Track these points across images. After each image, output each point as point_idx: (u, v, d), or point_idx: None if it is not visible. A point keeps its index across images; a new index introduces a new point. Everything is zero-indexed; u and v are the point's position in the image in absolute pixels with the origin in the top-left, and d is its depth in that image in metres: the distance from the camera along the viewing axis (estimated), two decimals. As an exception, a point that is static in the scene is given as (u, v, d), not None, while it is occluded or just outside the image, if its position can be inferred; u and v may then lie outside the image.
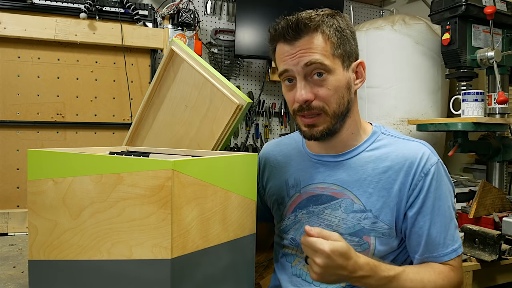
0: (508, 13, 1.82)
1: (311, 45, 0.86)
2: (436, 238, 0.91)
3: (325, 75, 0.87)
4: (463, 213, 1.66)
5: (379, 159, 0.94)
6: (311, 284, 0.95)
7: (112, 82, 2.13)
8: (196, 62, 1.02)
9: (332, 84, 0.88)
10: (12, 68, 1.96)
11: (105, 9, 2.10)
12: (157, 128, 1.13)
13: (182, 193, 0.69)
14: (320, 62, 0.86)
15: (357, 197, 0.92)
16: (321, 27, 0.87)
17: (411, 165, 0.91)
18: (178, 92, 1.07)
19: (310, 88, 0.88)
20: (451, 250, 0.92)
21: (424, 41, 2.07)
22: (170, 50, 1.05)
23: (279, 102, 2.64)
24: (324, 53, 0.86)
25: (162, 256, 0.68)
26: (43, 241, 0.86)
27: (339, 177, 0.95)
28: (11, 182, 1.95)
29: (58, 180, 0.83)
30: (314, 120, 0.90)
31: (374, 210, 0.91)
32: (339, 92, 0.89)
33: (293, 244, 1.00)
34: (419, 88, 2.08)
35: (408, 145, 0.94)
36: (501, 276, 1.48)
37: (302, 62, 0.87)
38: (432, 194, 0.91)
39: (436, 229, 0.91)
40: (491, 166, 1.94)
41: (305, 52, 0.86)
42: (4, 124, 1.94)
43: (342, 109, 0.90)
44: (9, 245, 1.43)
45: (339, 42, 0.88)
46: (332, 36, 0.88)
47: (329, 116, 0.89)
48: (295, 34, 0.87)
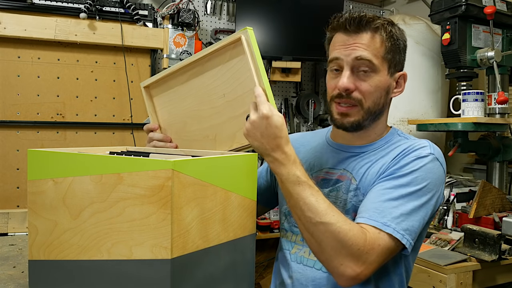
0: (508, 13, 1.82)
1: (367, 42, 0.93)
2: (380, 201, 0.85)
3: (370, 73, 0.93)
4: (463, 213, 1.66)
5: (382, 151, 0.99)
6: (312, 267, 0.97)
7: (112, 82, 2.13)
8: (255, 65, 0.92)
9: (375, 83, 0.94)
10: (12, 68, 1.96)
11: (105, 9, 2.10)
12: (186, 92, 1.07)
13: (182, 193, 0.69)
14: (369, 60, 0.92)
15: (354, 177, 0.97)
16: (380, 30, 0.94)
17: (404, 150, 0.94)
18: (224, 78, 0.99)
19: (354, 80, 0.94)
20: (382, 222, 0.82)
21: (424, 41, 2.07)
22: (238, 37, 0.94)
23: (279, 102, 2.64)
24: (376, 53, 0.93)
25: (162, 256, 0.67)
26: (43, 241, 0.86)
27: (347, 163, 1.00)
28: (11, 182, 1.95)
29: (58, 180, 0.83)
30: (348, 110, 0.95)
31: (362, 188, 0.95)
32: (378, 92, 0.95)
33: (296, 226, 0.99)
34: (419, 88, 2.08)
35: (413, 140, 0.99)
36: (501, 276, 1.48)
37: (354, 54, 0.92)
38: (404, 169, 0.89)
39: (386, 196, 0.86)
40: (491, 166, 1.94)
41: (359, 46, 0.93)
42: (4, 124, 1.94)
43: (376, 109, 0.96)
44: (9, 245, 1.43)
45: (391, 49, 0.95)
46: (387, 41, 0.94)
47: (363, 110, 0.95)
48: (356, 28, 0.93)
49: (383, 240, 0.82)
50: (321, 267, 0.96)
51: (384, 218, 0.83)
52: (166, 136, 1.12)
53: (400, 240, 0.82)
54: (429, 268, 1.40)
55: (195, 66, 1.05)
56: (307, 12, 2.36)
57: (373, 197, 0.87)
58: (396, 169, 0.90)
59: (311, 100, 2.62)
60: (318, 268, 0.96)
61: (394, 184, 0.88)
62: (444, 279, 1.34)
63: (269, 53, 2.38)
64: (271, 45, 2.37)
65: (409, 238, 0.84)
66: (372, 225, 0.82)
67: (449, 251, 1.47)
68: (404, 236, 0.83)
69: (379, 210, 0.84)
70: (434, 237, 1.58)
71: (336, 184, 0.99)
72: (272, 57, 2.39)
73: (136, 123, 2.14)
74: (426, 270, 1.41)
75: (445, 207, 1.76)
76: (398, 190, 0.87)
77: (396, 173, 0.90)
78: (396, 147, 0.97)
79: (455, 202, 1.76)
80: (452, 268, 1.35)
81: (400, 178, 0.88)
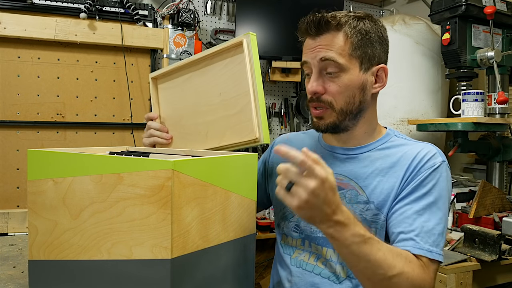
0: (508, 13, 1.82)
1: (329, 42, 0.91)
2: (418, 226, 0.86)
3: (338, 73, 0.91)
4: (463, 213, 1.66)
5: (388, 156, 0.97)
6: (311, 272, 0.97)
7: (112, 82, 2.13)
8: (252, 71, 0.96)
9: (343, 82, 0.91)
10: (12, 68, 1.95)
11: (105, 9, 2.10)
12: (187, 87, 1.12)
13: (182, 193, 0.69)
14: (333, 60, 0.90)
15: (362, 188, 0.95)
16: (343, 27, 0.91)
17: (414, 160, 0.93)
18: (222, 78, 1.04)
19: (322, 82, 0.93)
20: (427, 249, 0.85)
21: (424, 41, 2.07)
22: (240, 41, 0.98)
23: (279, 102, 2.64)
24: (340, 52, 0.90)
25: (162, 256, 0.67)
26: (43, 241, 0.86)
27: (347, 169, 0.98)
28: (11, 182, 1.95)
29: (58, 180, 0.83)
30: (321, 113, 0.94)
31: (376, 203, 0.93)
32: (350, 91, 0.92)
33: (297, 231, 1.01)
34: (419, 88, 2.08)
35: (416, 145, 0.97)
36: (501, 276, 1.48)
37: (318, 56, 0.91)
38: (427, 186, 0.90)
39: (421, 219, 0.87)
40: (491, 166, 1.94)
41: (322, 48, 0.91)
42: (4, 124, 1.94)
43: (351, 108, 0.93)
44: (9, 245, 1.43)
45: (360, 44, 0.91)
46: (353, 36, 0.91)
47: (335, 111, 0.93)
48: (317, 30, 0.92)
49: (433, 267, 0.86)
50: (320, 272, 0.96)
51: (426, 244, 0.85)
52: (163, 127, 1.16)
53: (440, 261, 0.87)
54: (429, 268, 1.39)
55: (199, 63, 1.09)
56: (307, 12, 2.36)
57: (407, 224, 0.88)
58: (417, 186, 0.90)
59: (311, 100, 2.61)
60: (317, 273, 0.96)
61: (423, 204, 0.89)
62: (444, 279, 1.34)
63: (269, 53, 2.38)
64: (271, 45, 2.37)
65: (442, 253, 0.88)
66: (419, 254, 0.85)
67: (449, 251, 1.47)
68: (440, 255, 0.87)
69: (420, 237, 0.86)
70: (434, 237, 1.58)
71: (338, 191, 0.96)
72: (272, 57, 2.39)
73: (136, 123, 2.14)
74: (426, 270, 1.40)
75: (445, 207, 1.76)
76: (428, 210, 0.88)
77: (419, 190, 0.90)
78: (401, 155, 0.94)
79: (455, 202, 1.76)
80: (452, 268, 1.35)
81: (425, 196, 0.89)
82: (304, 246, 1.00)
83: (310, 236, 0.98)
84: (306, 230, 0.99)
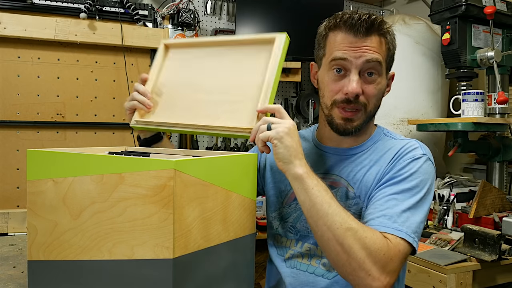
0: (508, 13, 1.82)
1: (378, 45, 0.92)
2: (388, 206, 0.86)
3: (375, 76, 0.93)
4: (463, 213, 1.67)
5: (374, 153, 0.98)
6: (305, 271, 0.97)
7: (112, 82, 2.13)
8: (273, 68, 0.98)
9: (378, 86, 0.94)
10: (12, 68, 1.95)
11: (105, 9, 2.10)
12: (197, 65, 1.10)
13: (184, 192, 0.69)
14: (380, 63, 0.92)
15: (351, 185, 0.96)
16: (387, 34, 0.94)
17: (398, 152, 0.94)
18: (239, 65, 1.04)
19: (361, 83, 0.92)
20: (395, 227, 0.82)
21: (424, 41, 2.08)
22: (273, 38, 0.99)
23: (279, 102, 2.64)
24: (383, 57, 0.93)
25: (164, 256, 0.67)
26: (43, 241, 0.86)
27: (339, 168, 0.99)
28: (11, 182, 1.94)
29: (58, 180, 0.83)
30: (353, 115, 0.94)
31: (361, 196, 0.94)
32: (380, 95, 0.96)
33: (292, 232, 1.01)
34: (419, 88, 2.08)
35: (402, 141, 0.99)
36: (501, 276, 1.48)
37: (365, 57, 0.90)
38: (404, 174, 0.90)
39: (392, 202, 0.86)
40: (491, 166, 1.94)
41: (370, 49, 0.91)
42: (4, 124, 1.94)
43: (375, 111, 0.97)
44: (9, 245, 1.43)
45: (392, 52, 0.97)
46: (390, 44, 0.96)
47: (365, 113, 0.95)
48: (367, 29, 0.90)
49: (402, 245, 0.82)
50: (313, 271, 0.96)
51: (395, 223, 0.83)
52: (147, 92, 1.06)
53: (411, 244, 0.83)
54: (429, 268, 1.40)
55: (219, 45, 1.08)
56: (307, 12, 2.37)
57: (379, 204, 0.87)
58: (394, 174, 0.91)
59: (311, 100, 2.62)
60: (311, 272, 0.97)
61: (396, 189, 0.88)
62: (444, 279, 1.34)
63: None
64: (271, 45, 2.37)
65: (417, 240, 0.85)
66: (386, 231, 0.82)
67: (449, 251, 1.47)
68: (414, 239, 0.83)
69: (387, 216, 0.84)
70: (434, 237, 1.58)
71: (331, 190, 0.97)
72: (272, 57, 2.40)
73: (136, 123, 2.13)
74: (426, 270, 1.41)
75: (445, 207, 1.76)
76: (401, 195, 0.87)
77: (395, 177, 0.90)
78: (387, 150, 0.97)
79: (455, 202, 1.76)
80: (452, 268, 1.35)
81: (400, 183, 0.89)
82: (296, 246, 1.00)
83: (306, 236, 0.99)
84: (302, 231, 0.99)
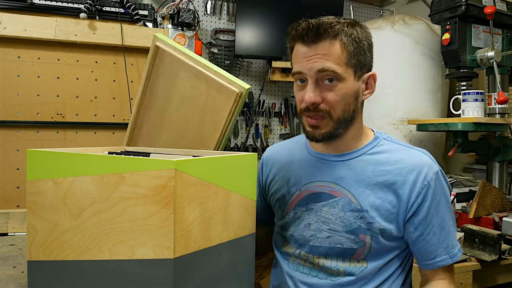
0: (508, 13, 1.82)
1: (327, 51, 0.88)
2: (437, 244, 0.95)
3: (335, 82, 0.89)
4: (463, 213, 1.66)
5: (379, 163, 0.96)
6: (309, 274, 0.98)
7: (112, 82, 2.13)
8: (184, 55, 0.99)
9: (341, 92, 0.90)
10: (12, 68, 1.95)
11: (105, 9, 2.09)
12: (155, 127, 1.12)
13: (185, 192, 0.69)
14: (332, 70, 0.88)
15: (355, 196, 0.95)
16: (340, 35, 0.89)
17: (413, 173, 0.93)
18: (171, 88, 1.04)
19: (320, 91, 0.90)
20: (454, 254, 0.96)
21: (424, 41, 2.07)
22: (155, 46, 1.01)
23: (279, 102, 2.64)
24: (338, 62, 0.88)
25: (165, 256, 0.67)
26: (43, 241, 0.86)
27: (338, 176, 0.97)
28: (11, 182, 1.94)
29: (58, 180, 0.82)
30: (318, 122, 0.92)
31: (370, 211, 0.93)
32: (346, 100, 0.91)
33: (292, 240, 1.02)
34: (419, 88, 2.08)
35: (409, 153, 0.97)
36: (501, 276, 1.48)
37: (316, 67, 0.89)
38: (435, 203, 0.94)
39: (437, 237, 0.95)
40: (491, 166, 1.94)
41: (320, 57, 0.88)
42: (4, 124, 1.94)
43: (346, 116, 0.93)
44: (9, 245, 1.43)
45: (355, 53, 0.90)
46: (349, 45, 0.89)
47: (332, 120, 0.92)
48: (314, 38, 0.88)
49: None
50: (317, 274, 0.97)
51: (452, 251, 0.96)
52: None
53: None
54: (430, 268, 1.39)
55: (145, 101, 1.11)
56: (307, 12, 2.36)
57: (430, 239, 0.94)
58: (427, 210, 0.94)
59: (311, 100, 2.61)
60: (315, 275, 0.97)
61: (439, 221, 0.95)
62: (445, 279, 1.34)
63: (269, 53, 2.38)
64: (271, 45, 2.37)
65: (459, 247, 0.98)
66: (448, 264, 0.95)
67: (449, 251, 1.47)
68: (460, 250, 0.98)
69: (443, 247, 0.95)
70: (434, 237, 1.58)
71: (330, 199, 0.97)
72: (272, 57, 2.40)
73: (136, 123, 2.13)
74: (427, 270, 1.40)
75: (445, 207, 1.76)
76: (444, 223, 0.95)
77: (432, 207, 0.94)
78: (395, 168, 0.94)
79: (455, 202, 1.76)
80: (452, 268, 1.35)
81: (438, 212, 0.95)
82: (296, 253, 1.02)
83: (302, 245, 1.00)
84: (299, 239, 1.00)
